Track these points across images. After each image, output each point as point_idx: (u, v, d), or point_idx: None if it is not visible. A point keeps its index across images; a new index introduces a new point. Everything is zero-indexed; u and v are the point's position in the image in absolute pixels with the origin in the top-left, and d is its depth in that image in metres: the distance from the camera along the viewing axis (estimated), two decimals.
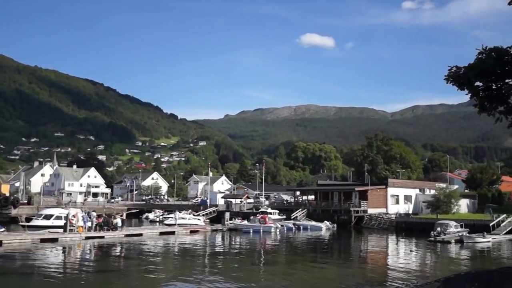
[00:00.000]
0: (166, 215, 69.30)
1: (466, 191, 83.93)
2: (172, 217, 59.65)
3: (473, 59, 12.63)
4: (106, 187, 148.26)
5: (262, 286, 22.64)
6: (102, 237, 41.62)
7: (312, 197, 78.05)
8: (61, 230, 41.18)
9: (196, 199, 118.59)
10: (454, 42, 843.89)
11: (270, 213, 64.05)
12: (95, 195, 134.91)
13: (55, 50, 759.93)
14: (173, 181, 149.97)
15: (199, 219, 62.65)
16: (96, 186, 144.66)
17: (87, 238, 40.00)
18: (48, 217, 46.35)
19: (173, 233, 49.32)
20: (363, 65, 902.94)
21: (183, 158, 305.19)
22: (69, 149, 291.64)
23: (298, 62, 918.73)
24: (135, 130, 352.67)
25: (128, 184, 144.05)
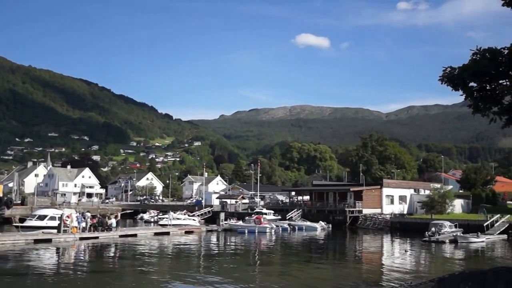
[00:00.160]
0: (161, 215, 69.15)
1: (460, 191, 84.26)
2: (167, 218, 59.55)
3: (467, 59, 12.67)
4: (101, 188, 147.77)
5: (257, 287, 22.63)
6: (97, 237, 41.47)
7: (307, 197, 78.00)
8: (55, 231, 41.04)
9: (191, 199, 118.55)
10: (448, 42, 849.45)
11: (265, 214, 63.97)
12: (90, 195, 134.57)
13: (49, 50, 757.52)
14: (168, 181, 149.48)
15: (194, 220, 62.42)
16: (90, 187, 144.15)
17: (81, 239, 39.87)
18: (42, 217, 46.04)
19: (168, 233, 49.25)
20: (358, 66, 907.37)
21: (178, 158, 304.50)
22: (63, 149, 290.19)
23: (293, 63, 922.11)
24: (129, 130, 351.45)
25: (122, 185, 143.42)
